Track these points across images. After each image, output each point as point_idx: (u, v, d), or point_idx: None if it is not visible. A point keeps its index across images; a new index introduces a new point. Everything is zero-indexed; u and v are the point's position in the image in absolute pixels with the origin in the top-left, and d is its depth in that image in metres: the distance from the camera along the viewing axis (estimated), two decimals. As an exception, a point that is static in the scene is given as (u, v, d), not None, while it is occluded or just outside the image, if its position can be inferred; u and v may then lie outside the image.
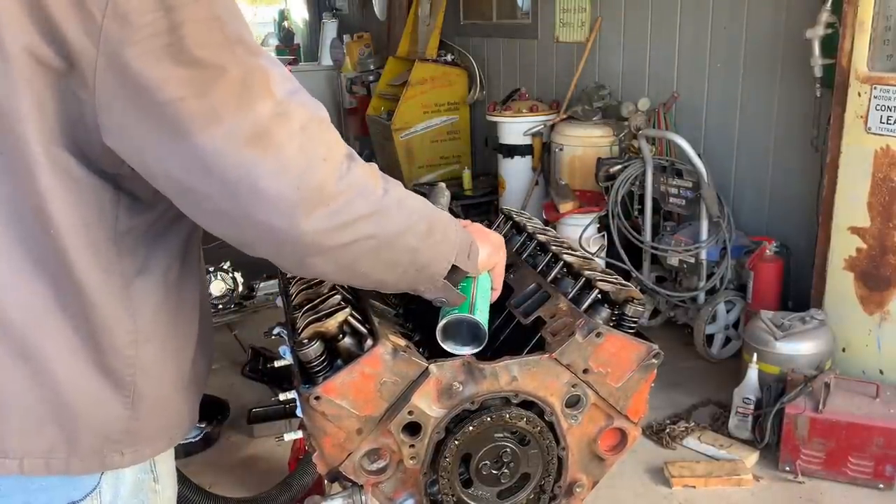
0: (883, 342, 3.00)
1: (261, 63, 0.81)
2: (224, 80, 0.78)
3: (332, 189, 0.83)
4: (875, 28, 2.83)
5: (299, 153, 0.81)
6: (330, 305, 1.08)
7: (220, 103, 0.78)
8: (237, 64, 0.79)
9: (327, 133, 0.86)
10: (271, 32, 13.61)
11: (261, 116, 0.79)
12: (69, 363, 0.87)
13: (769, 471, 2.83)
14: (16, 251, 0.83)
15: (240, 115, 0.78)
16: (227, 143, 0.78)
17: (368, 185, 0.88)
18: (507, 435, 1.09)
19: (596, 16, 4.77)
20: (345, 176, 0.85)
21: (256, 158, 0.79)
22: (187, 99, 0.76)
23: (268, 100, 0.80)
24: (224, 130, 0.78)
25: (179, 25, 0.75)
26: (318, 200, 0.82)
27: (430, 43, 6.16)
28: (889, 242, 2.90)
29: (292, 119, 0.82)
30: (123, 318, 0.90)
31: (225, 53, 0.78)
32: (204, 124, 0.77)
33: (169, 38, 0.75)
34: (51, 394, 0.87)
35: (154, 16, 0.74)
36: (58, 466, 0.90)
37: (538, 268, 1.33)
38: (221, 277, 3.93)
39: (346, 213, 0.85)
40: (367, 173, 0.89)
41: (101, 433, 0.91)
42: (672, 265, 3.79)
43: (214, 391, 3.30)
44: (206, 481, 2.64)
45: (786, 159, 3.78)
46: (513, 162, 5.00)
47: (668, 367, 3.30)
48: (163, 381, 0.97)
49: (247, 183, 0.79)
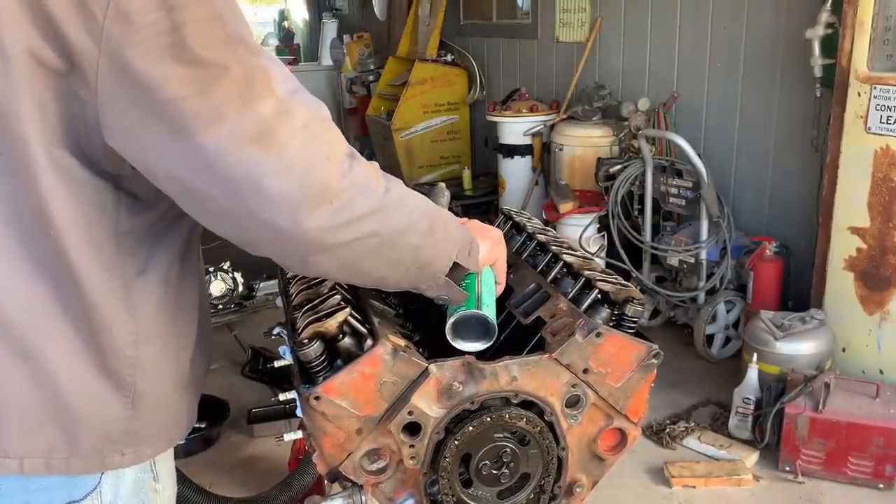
0: (883, 342, 3.00)
1: (262, 62, 0.81)
2: (226, 80, 0.78)
3: (334, 187, 0.84)
4: (875, 28, 2.83)
5: (302, 152, 0.81)
6: (330, 305, 1.08)
7: (223, 102, 0.78)
8: (239, 63, 0.79)
9: (329, 131, 0.86)
10: (271, 32, 13.61)
11: (263, 115, 0.79)
12: (70, 363, 0.87)
13: (769, 471, 2.83)
14: (16, 252, 0.83)
15: (242, 114, 0.78)
16: (229, 142, 0.78)
17: (370, 184, 0.88)
18: (507, 435, 1.09)
19: (596, 16, 4.77)
20: (347, 174, 0.85)
21: (259, 157, 0.79)
22: (189, 98, 0.76)
23: (270, 98, 0.80)
24: (227, 129, 0.78)
25: (181, 25, 0.75)
26: (320, 198, 0.83)
27: (430, 43, 6.16)
28: (889, 242, 2.90)
29: (294, 118, 0.82)
30: (124, 318, 0.90)
31: (227, 52, 0.78)
32: (206, 123, 0.77)
33: (171, 38, 0.75)
34: (51, 394, 0.87)
35: (156, 15, 0.74)
36: (58, 466, 0.90)
37: (538, 268, 1.33)
38: (221, 277, 3.92)
39: (349, 211, 0.85)
40: (369, 171, 0.89)
41: (102, 433, 0.91)
42: (672, 265, 3.79)
43: (214, 391, 3.30)
44: (206, 481, 2.64)
45: (786, 159, 3.78)
46: (513, 162, 5.00)
47: (668, 367, 3.30)
48: (163, 381, 0.97)
49: (249, 182, 0.80)
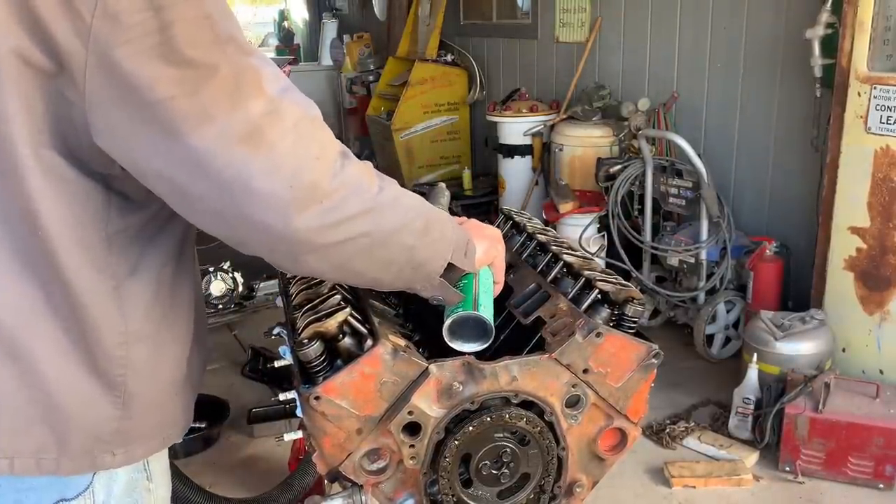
0: (883, 342, 3.00)
1: (252, 62, 0.81)
2: (215, 80, 0.77)
3: (325, 187, 0.83)
4: (875, 28, 2.83)
5: (292, 151, 0.81)
6: (330, 305, 1.08)
7: (212, 102, 0.77)
8: (228, 63, 0.79)
9: (320, 131, 0.86)
10: (271, 32, 13.61)
11: (252, 115, 0.79)
12: (59, 364, 0.87)
13: (769, 471, 2.83)
14: (4, 252, 0.83)
15: (232, 115, 0.78)
16: (219, 142, 0.78)
17: (363, 183, 0.88)
18: (507, 435, 1.09)
19: (596, 16, 4.77)
20: (338, 174, 0.85)
21: (249, 157, 0.79)
22: (178, 98, 0.76)
23: (259, 98, 0.80)
24: (216, 130, 0.78)
25: (170, 25, 0.74)
26: (310, 198, 0.82)
27: (430, 43, 6.16)
28: (889, 242, 2.90)
29: (284, 117, 0.81)
30: (114, 319, 0.90)
31: (216, 52, 0.78)
32: (195, 123, 0.77)
33: (159, 38, 0.74)
34: (41, 394, 0.87)
35: (144, 15, 0.74)
36: (48, 466, 0.90)
37: (538, 268, 1.33)
38: (221, 277, 3.92)
39: (340, 211, 0.85)
40: (362, 171, 0.89)
41: (92, 433, 0.91)
42: (672, 265, 3.79)
43: (214, 391, 3.30)
44: (206, 481, 2.64)
45: (786, 159, 3.78)
46: (513, 162, 5.00)
47: (668, 367, 3.30)
48: (155, 382, 0.97)
49: (240, 182, 0.79)
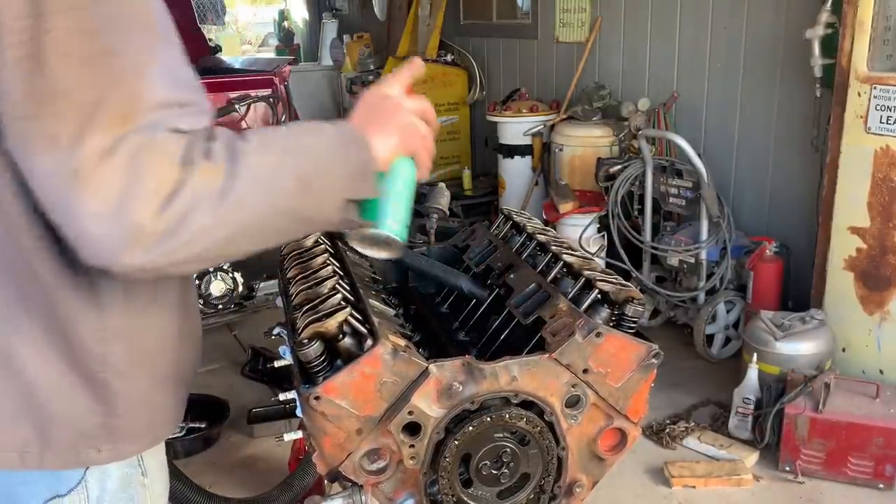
0: (883, 342, 3.00)
1: (130, 87, 0.77)
2: (71, 103, 0.74)
3: (150, 226, 0.77)
4: (875, 28, 2.83)
5: (121, 192, 0.75)
6: (330, 305, 1.08)
7: (60, 129, 0.74)
8: (92, 86, 0.75)
9: (161, 160, 0.77)
10: (271, 32, 13.61)
11: (89, 152, 0.74)
12: (39, 361, 0.88)
13: (769, 471, 2.83)
14: None
15: (71, 148, 0.74)
16: (54, 175, 0.75)
17: (210, 187, 0.80)
18: (507, 435, 1.09)
19: (596, 16, 4.77)
20: (173, 200, 0.77)
21: (77, 197, 0.75)
22: (33, 119, 0.74)
23: (108, 132, 0.75)
24: (54, 161, 0.75)
25: (43, 34, 0.73)
26: (136, 239, 0.77)
27: (430, 43, 6.16)
28: (889, 242, 2.90)
29: (121, 154, 0.75)
30: (90, 316, 0.90)
31: (83, 71, 0.74)
32: (41, 148, 0.75)
33: (30, 48, 0.73)
34: (22, 390, 0.88)
35: (24, 22, 0.72)
36: (32, 461, 0.91)
37: (538, 268, 1.33)
38: (221, 277, 3.91)
39: (180, 236, 0.78)
40: (209, 172, 0.80)
41: (75, 429, 0.92)
42: (672, 265, 3.79)
43: (214, 391, 3.30)
44: (206, 481, 2.64)
45: (786, 159, 3.78)
46: (513, 162, 5.00)
47: (668, 367, 3.30)
48: (139, 378, 0.97)
49: (69, 219, 0.77)
